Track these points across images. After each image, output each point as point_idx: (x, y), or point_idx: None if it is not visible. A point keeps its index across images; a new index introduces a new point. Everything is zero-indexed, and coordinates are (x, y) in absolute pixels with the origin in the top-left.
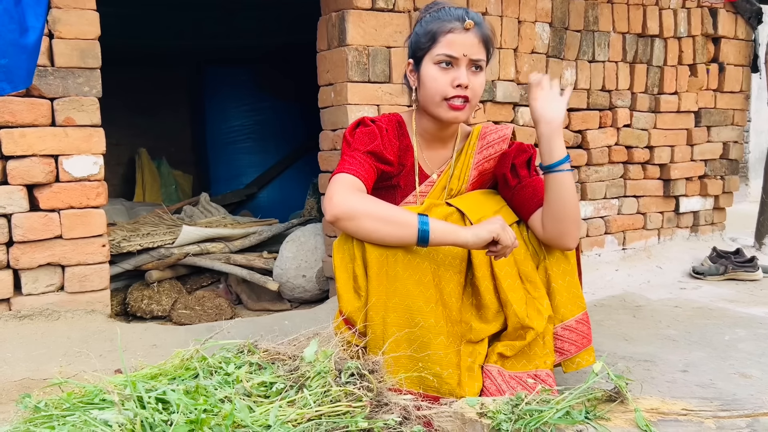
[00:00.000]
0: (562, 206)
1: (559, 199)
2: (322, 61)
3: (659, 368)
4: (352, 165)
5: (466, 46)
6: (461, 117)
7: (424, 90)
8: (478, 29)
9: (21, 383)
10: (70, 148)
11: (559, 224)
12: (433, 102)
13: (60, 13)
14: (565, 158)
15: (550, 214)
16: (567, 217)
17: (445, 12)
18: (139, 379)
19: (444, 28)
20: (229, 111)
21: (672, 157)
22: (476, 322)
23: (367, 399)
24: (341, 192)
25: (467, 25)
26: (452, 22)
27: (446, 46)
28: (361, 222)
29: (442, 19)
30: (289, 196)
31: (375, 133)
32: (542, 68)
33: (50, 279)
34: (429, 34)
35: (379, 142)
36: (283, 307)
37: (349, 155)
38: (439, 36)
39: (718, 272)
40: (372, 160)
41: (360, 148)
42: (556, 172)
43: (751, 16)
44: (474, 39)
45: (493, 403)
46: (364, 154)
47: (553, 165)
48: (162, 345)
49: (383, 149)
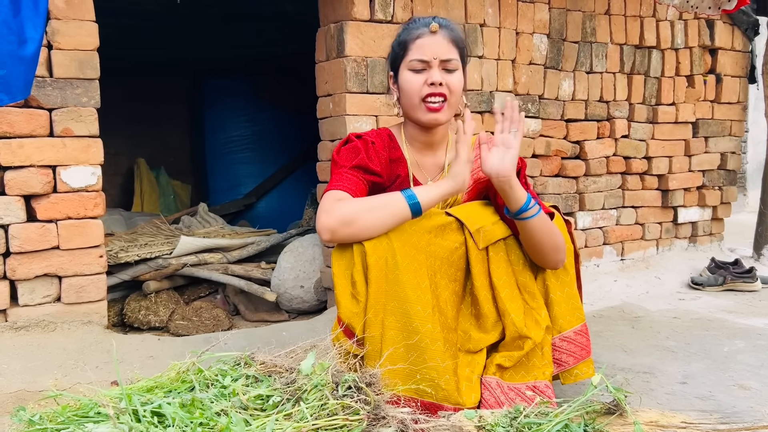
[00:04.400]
0: (536, 244)
1: (531, 238)
2: (320, 72)
3: (658, 380)
4: (339, 182)
5: (435, 47)
6: (441, 118)
7: (404, 96)
8: (444, 31)
9: (17, 395)
10: (68, 159)
11: (537, 256)
12: (412, 106)
13: (59, 24)
14: (524, 205)
15: (528, 248)
16: (543, 250)
17: (415, 22)
18: (134, 392)
19: (413, 35)
20: (228, 121)
21: (670, 168)
22: (475, 332)
23: (365, 412)
24: (328, 207)
25: (432, 27)
26: (420, 28)
27: (416, 50)
28: (358, 221)
29: (411, 28)
30: (287, 206)
31: (358, 148)
32: (540, 79)
33: (47, 290)
34: (401, 44)
35: (363, 156)
36: (280, 317)
37: (336, 173)
38: (410, 43)
39: (717, 283)
40: (359, 173)
41: (345, 164)
42: (520, 220)
43: (748, 27)
44: (442, 40)
45: (492, 415)
46: (350, 169)
47: (517, 213)
48: (159, 356)
49: (368, 161)
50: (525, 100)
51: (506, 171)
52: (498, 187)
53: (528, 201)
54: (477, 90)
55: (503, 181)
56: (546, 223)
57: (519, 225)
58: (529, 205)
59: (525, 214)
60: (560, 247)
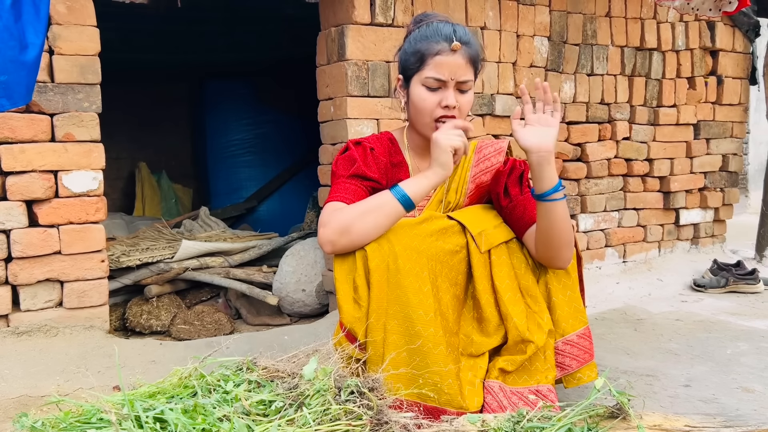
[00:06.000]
0: (553, 233)
1: (550, 226)
2: (321, 75)
3: (661, 383)
4: (337, 192)
5: (453, 68)
6: None
7: (414, 109)
8: (465, 49)
9: (19, 400)
10: (70, 164)
11: (549, 249)
12: (422, 122)
13: (60, 29)
14: (556, 186)
15: (542, 239)
16: (558, 243)
17: (433, 30)
18: (136, 398)
19: (432, 50)
20: (230, 124)
21: (671, 170)
22: (477, 336)
23: (367, 417)
24: (326, 219)
25: (454, 47)
26: (440, 43)
27: (434, 69)
28: (354, 228)
29: (429, 38)
30: (288, 210)
31: (354, 157)
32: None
33: (49, 295)
34: (417, 55)
35: (360, 164)
36: (282, 321)
37: (335, 184)
38: (427, 58)
39: (719, 285)
40: (357, 181)
41: (343, 174)
42: (547, 201)
43: (748, 29)
44: (461, 60)
45: (495, 420)
46: (348, 178)
47: (544, 194)
48: (161, 361)
49: (365, 169)
50: None
51: (548, 146)
52: (535, 163)
53: (559, 182)
54: (478, 93)
55: (543, 157)
56: (567, 213)
57: (543, 209)
58: (560, 187)
59: (555, 195)
60: (572, 242)
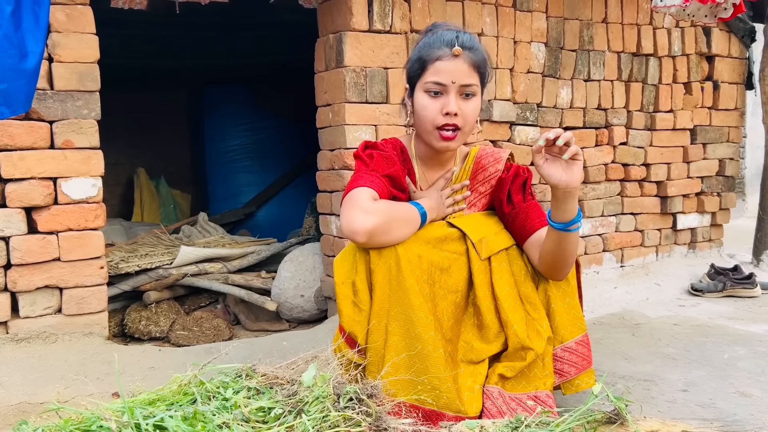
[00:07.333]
0: (562, 257)
1: (561, 253)
2: (320, 81)
3: (659, 388)
4: (373, 182)
5: (455, 73)
6: (452, 146)
7: (417, 117)
8: (467, 54)
9: (18, 407)
10: (69, 171)
11: (554, 268)
12: (425, 130)
13: (59, 37)
14: (576, 217)
15: (549, 259)
16: (564, 264)
17: (437, 37)
18: (136, 405)
19: (432, 56)
20: (228, 130)
21: (668, 175)
22: (477, 343)
23: (366, 424)
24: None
25: (455, 51)
26: (441, 48)
27: (434, 73)
28: (392, 232)
29: (432, 45)
30: (287, 215)
31: (393, 159)
32: (538, 87)
33: (48, 301)
34: (419, 62)
35: (398, 168)
36: (281, 327)
37: (368, 174)
38: (428, 63)
39: (717, 289)
40: (388, 183)
41: (378, 170)
42: (569, 231)
43: (744, 34)
44: (463, 65)
45: (493, 425)
46: (383, 176)
47: (569, 223)
48: (160, 367)
49: (400, 176)
50: (523, 108)
51: (576, 182)
52: (561, 197)
53: (579, 213)
54: None
55: (570, 192)
56: (578, 239)
57: (559, 237)
58: (580, 218)
59: (575, 226)
60: (574, 260)
